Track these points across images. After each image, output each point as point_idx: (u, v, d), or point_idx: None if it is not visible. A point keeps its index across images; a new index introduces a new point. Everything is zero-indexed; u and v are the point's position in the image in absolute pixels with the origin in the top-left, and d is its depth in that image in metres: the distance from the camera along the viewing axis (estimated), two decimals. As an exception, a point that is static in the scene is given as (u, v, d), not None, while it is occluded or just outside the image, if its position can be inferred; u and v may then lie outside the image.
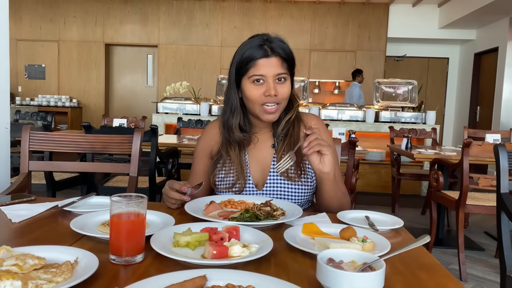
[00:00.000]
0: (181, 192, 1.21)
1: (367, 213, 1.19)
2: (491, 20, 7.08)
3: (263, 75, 1.29)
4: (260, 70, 1.29)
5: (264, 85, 1.30)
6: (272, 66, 1.30)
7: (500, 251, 1.74)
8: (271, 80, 1.30)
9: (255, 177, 1.40)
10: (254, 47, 1.31)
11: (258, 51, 1.30)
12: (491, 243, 3.52)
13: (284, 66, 1.32)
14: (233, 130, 1.39)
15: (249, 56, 1.31)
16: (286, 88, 1.33)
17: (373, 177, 5.39)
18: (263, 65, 1.29)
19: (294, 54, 1.37)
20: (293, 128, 1.40)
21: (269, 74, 1.29)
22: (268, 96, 1.30)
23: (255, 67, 1.30)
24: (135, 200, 0.84)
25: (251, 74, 1.30)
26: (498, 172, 1.78)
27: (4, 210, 1.16)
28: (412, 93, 5.89)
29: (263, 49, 1.30)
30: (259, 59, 1.29)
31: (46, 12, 8.06)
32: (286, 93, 1.33)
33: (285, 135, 1.40)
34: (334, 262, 0.75)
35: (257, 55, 1.29)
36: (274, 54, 1.30)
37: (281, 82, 1.32)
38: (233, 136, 1.40)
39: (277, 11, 7.90)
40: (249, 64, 1.30)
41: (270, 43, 1.31)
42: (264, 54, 1.29)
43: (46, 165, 1.97)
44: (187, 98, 5.72)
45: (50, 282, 0.68)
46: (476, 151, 2.78)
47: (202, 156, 1.47)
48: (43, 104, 7.66)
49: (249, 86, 1.32)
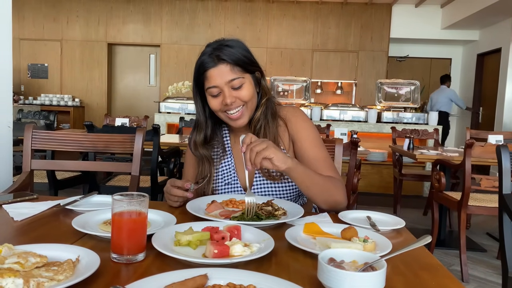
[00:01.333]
0: (184, 189, 1.21)
1: (368, 213, 1.19)
2: (494, 21, 7.06)
3: (216, 85, 1.28)
4: (211, 81, 1.28)
5: (221, 94, 1.29)
6: (222, 74, 1.27)
7: (502, 252, 1.74)
8: (225, 88, 1.27)
9: (242, 180, 1.39)
10: (203, 58, 1.30)
11: (207, 61, 1.28)
12: (493, 244, 3.51)
13: (235, 70, 1.28)
14: (197, 146, 1.40)
15: (199, 68, 1.30)
16: (245, 91, 1.30)
17: (375, 177, 5.39)
18: (213, 75, 1.28)
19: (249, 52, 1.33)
20: (268, 124, 1.37)
21: (221, 84, 1.27)
22: (225, 105, 1.28)
23: (207, 79, 1.29)
24: (136, 199, 0.84)
25: (206, 86, 1.30)
26: (500, 173, 1.78)
27: (6, 209, 1.17)
28: (414, 93, 5.88)
29: (211, 58, 1.28)
30: (208, 70, 1.28)
31: (49, 11, 8.07)
32: (247, 95, 1.30)
33: (263, 134, 1.36)
34: (335, 262, 0.75)
35: (207, 66, 1.28)
36: (220, 62, 1.27)
37: (238, 87, 1.29)
38: (197, 152, 1.40)
39: (280, 11, 7.90)
40: (202, 76, 1.30)
41: (218, 51, 1.28)
42: (212, 63, 1.28)
43: (48, 164, 1.98)
44: (189, 98, 5.72)
45: (51, 280, 0.69)
46: (479, 152, 2.77)
47: (191, 162, 1.47)
48: (45, 103, 7.68)
49: (209, 98, 1.32)
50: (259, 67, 1.37)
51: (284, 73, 7.55)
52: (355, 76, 7.90)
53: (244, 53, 1.32)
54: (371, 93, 7.64)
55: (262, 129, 1.36)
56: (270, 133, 1.36)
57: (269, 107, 1.39)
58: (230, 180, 1.40)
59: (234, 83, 1.28)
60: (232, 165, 1.41)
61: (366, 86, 7.87)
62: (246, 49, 1.33)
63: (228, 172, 1.40)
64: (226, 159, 1.42)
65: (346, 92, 7.94)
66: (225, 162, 1.42)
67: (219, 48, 1.29)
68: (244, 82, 1.30)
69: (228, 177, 1.40)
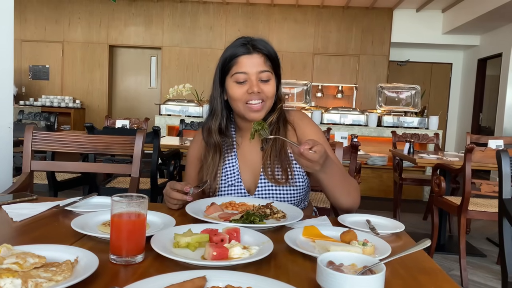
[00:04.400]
0: (183, 192, 1.21)
1: (368, 216, 1.19)
2: (495, 26, 7.07)
3: (245, 72, 1.29)
4: (242, 67, 1.29)
5: (247, 83, 1.29)
6: (255, 63, 1.29)
7: (501, 258, 1.73)
8: (254, 77, 1.29)
9: (246, 183, 1.38)
10: (236, 46, 1.31)
11: (240, 49, 1.30)
12: (493, 249, 3.50)
13: (267, 64, 1.31)
14: (211, 133, 1.38)
15: (231, 54, 1.31)
16: (270, 87, 1.32)
17: (375, 181, 5.38)
18: (245, 62, 1.29)
19: (278, 57, 1.36)
20: (279, 129, 1.38)
21: (252, 71, 1.29)
22: (251, 93, 1.28)
23: (237, 64, 1.29)
24: (136, 200, 0.84)
25: (234, 71, 1.30)
26: (500, 178, 1.77)
27: (6, 209, 1.17)
28: (415, 98, 5.89)
29: (245, 47, 1.30)
30: (241, 56, 1.29)
31: (51, 13, 8.10)
32: (271, 91, 1.32)
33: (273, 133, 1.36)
34: (334, 265, 0.74)
35: (239, 52, 1.29)
36: (256, 51, 1.30)
37: (265, 80, 1.31)
38: (210, 139, 1.39)
39: (281, 14, 7.92)
40: (232, 62, 1.30)
41: (253, 42, 1.31)
42: (246, 51, 1.29)
43: (48, 165, 1.98)
44: (190, 101, 5.74)
45: (50, 280, 0.69)
46: (479, 157, 2.77)
47: (194, 161, 1.47)
48: (46, 104, 7.68)
49: (232, 85, 1.31)
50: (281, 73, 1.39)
51: (285, 77, 7.51)
52: (356, 80, 7.91)
53: (275, 52, 1.35)
54: (372, 97, 7.65)
55: (273, 133, 1.36)
56: (280, 140, 1.36)
57: (282, 114, 1.41)
58: (234, 181, 1.38)
59: (263, 75, 1.30)
60: (236, 166, 1.39)
61: (366, 90, 7.88)
62: (275, 50, 1.36)
63: (232, 173, 1.39)
64: (230, 160, 1.40)
65: (346, 96, 7.95)
66: (229, 162, 1.40)
67: (254, 39, 1.32)
68: (271, 78, 1.33)
69: (232, 179, 1.38)
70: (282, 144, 1.36)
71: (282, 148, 1.36)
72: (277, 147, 1.36)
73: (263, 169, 1.37)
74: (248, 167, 1.39)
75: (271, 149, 1.37)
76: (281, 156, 1.35)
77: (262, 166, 1.37)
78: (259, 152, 1.40)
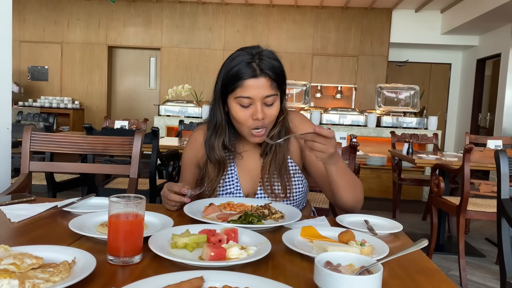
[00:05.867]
0: (181, 194, 1.21)
1: (366, 217, 1.19)
2: (493, 26, 7.08)
3: (250, 97, 1.22)
4: (247, 92, 1.21)
5: (251, 107, 1.23)
6: (260, 87, 1.21)
7: (500, 258, 1.73)
8: (258, 102, 1.22)
9: (245, 189, 1.37)
10: (242, 64, 1.22)
11: (246, 69, 1.21)
12: (491, 249, 3.51)
13: (273, 87, 1.24)
14: (215, 149, 1.34)
15: (236, 74, 1.22)
16: (274, 110, 1.26)
17: (374, 182, 5.39)
18: (250, 86, 1.21)
19: (285, 72, 1.29)
20: (280, 137, 1.33)
21: (257, 97, 1.22)
22: (255, 120, 1.23)
23: (242, 87, 1.22)
24: (133, 201, 0.84)
25: (238, 94, 1.22)
26: (498, 178, 1.78)
27: (4, 210, 1.17)
28: (414, 98, 5.89)
29: (251, 68, 1.21)
30: (247, 80, 1.21)
31: (50, 14, 8.09)
32: (274, 114, 1.27)
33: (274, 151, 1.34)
34: (331, 265, 0.74)
35: (245, 75, 1.21)
36: (263, 75, 1.21)
37: (269, 104, 1.25)
38: (213, 155, 1.34)
39: (280, 15, 7.92)
40: (236, 83, 1.22)
41: (260, 61, 1.22)
42: (252, 74, 1.21)
43: (47, 166, 1.98)
44: (189, 101, 5.74)
45: (47, 281, 0.69)
46: (477, 157, 2.77)
47: (189, 165, 1.45)
48: (45, 105, 7.68)
49: (235, 107, 1.25)
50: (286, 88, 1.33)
51: (284, 77, 7.55)
52: (355, 81, 7.91)
53: (282, 69, 1.28)
54: (371, 97, 7.66)
55: (274, 147, 1.34)
56: (281, 152, 1.34)
57: (284, 125, 1.36)
58: (233, 189, 1.36)
59: (268, 100, 1.24)
60: (235, 174, 1.38)
61: (365, 90, 7.88)
62: (282, 64, 1.29)
63: (231, 181, 1.37)
64: (229, 167, 1.38)
65: (345, 96, 7.95)
66: (228, 169, 1.38)
67: (261, 56, 1.24)
68: (276, 100, 1.27)
69: (231, 186, 1.37)
70: (283, 159, 1.34)
71: (282, 163, 1.34)
72: (277, 162, 1.33)
73: (261, 183, 1.35)
74: (247, 174, 1.38)
75: (270, 163, 1.34)
76: (281, 171, 1.33)
77: (261, 180, 1.35)
78: (259, 158, 1.39)
